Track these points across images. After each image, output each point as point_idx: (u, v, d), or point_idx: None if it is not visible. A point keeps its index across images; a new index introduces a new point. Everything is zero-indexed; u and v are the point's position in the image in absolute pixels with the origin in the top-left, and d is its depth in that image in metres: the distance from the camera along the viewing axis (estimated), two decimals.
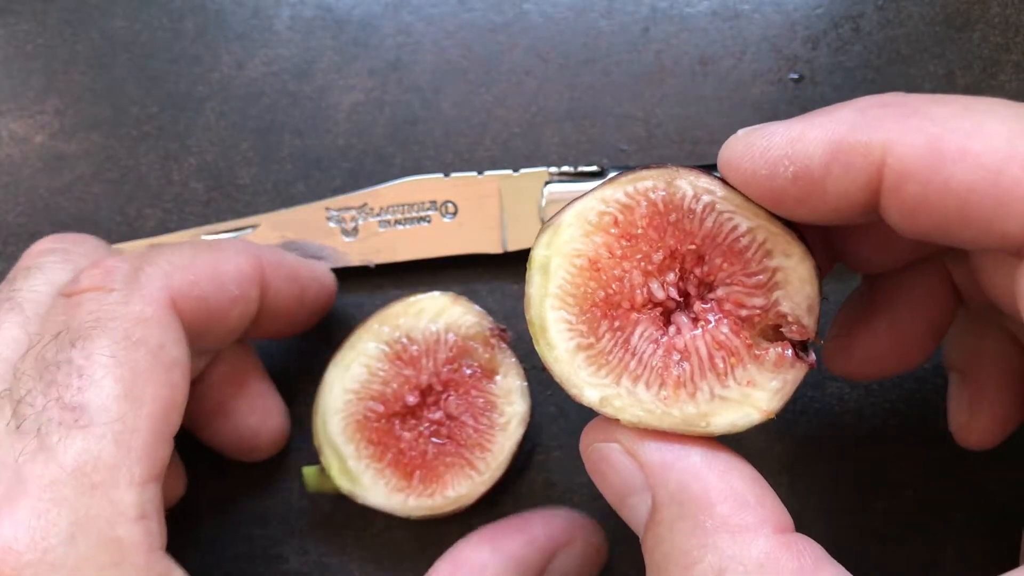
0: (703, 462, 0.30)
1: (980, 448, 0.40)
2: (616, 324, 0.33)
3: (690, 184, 0.33)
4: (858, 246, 0.36)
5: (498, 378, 0.44)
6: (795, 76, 0.51)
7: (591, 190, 0.34)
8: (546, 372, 0.33)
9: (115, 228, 0.52)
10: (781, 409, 0.32)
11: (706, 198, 0.32)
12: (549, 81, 0.52)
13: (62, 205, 0.52)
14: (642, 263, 0.33)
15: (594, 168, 0.47)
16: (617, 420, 0.32)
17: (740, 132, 0.32)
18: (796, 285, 0.31)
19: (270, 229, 0.49)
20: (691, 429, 0.32)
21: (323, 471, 0.44)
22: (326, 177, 0.52)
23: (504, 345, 0.45)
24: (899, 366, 0.39)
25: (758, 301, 0.32)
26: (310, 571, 0.47)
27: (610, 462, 0.32)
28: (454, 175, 0.49)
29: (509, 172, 0.49)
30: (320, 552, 0.47)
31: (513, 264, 0.50)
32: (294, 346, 0.49)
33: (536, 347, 0.33)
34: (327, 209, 0.49)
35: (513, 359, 0.45)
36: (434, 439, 0.44)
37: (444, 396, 0.45)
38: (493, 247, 0.49)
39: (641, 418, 0.32)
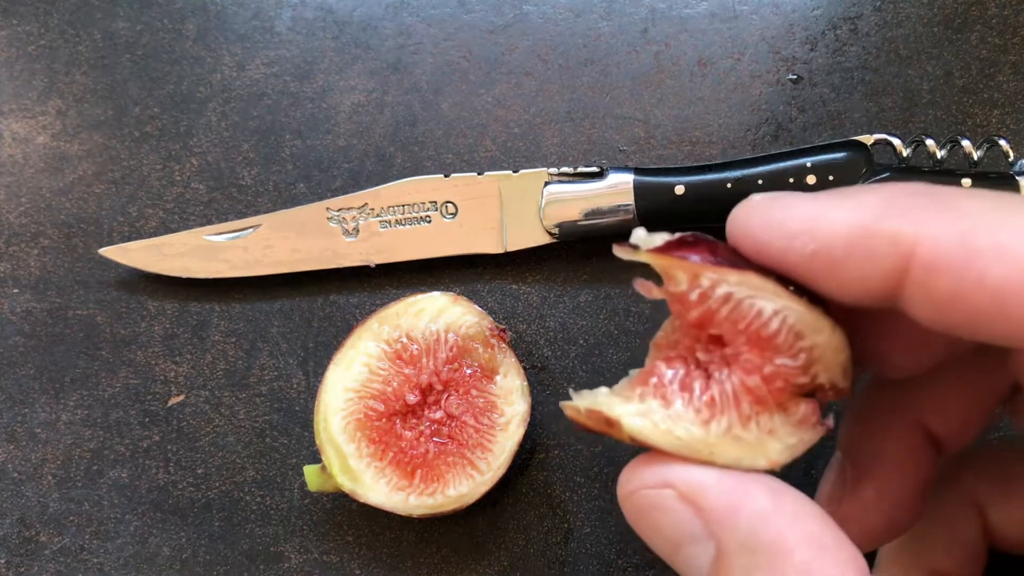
0: (772, 505, 0.28)
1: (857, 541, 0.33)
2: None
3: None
4: (879, 340, 0.34)
5: (498, 378, 0.45)
6: (793, 77, 0.51)
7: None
8: (545, 372, 0.33)
9: (117, 228, 0.52)
10: (786, 465, 0.31)
11: (723, 288, 0.30)
12: (549, 82, 0.52)
13: (64, 205, 0.52)
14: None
15: (593, 169, 0.48)
16: (630, 438, 0.31)
17: (754, 198, 0.30)
18: (831, 356, 0.30)
19: (271, 230, 0.50)
20: (691, 454, 0.30)
21: (324, 470, 0.44)
22: (327, 177, 0.52)
23: (504, 345, 0.45)
24: (894, 530, 0.37)
25: (803, 380, 0.30)
26: (311, 569, 0.47)
27: (663, 509, 0.30)
28: (454, 175, 0.49)
29: (509, 173, 0.49)
30: (321, 550, 0.47)
31: (513, 264, 0.50)
32: (295, 345, 0.50)
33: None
34: (328, 209, 0.50)
35: (513, 359, 0.45)
36: (435, 439, 0.44)
37: (445, 396, 0.45)
38: (493, 247, 0.49)
39: (643, 429, 0.30)
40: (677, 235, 0.31)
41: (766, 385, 0.30)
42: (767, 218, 0.30)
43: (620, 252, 0.31)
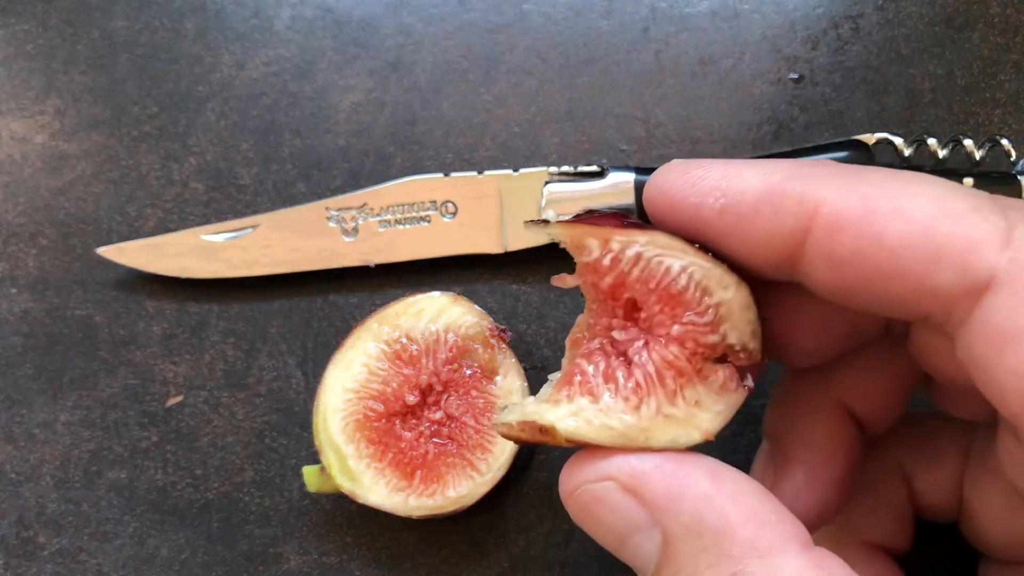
0: (712, 486, 0.29)
1: None
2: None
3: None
4: (783, 324, 0.35)
5: (498, 379, 0.45)
6: (795, 76, 0.51)
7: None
8: (545, 372, 0.33)
9: (115, 228, 0.52)
10: (719, 432, 0.31)
11: (633, 249, 0.31)
12: (549, 81, 0.52)
13: (62, 205, 0.52)
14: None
15: (594, 168, 0.47)
16: (566, 440, 0.31)
17: (673, 161, 0.32)
18: (738, 314, 0.31)
19: (270, 229, 0.49)
20: (629, 443, 0.31)
21: (324, 470, 0.44)
22: (326, 177, 0.52)
23: (504, 345, 0.45)
24: (827, 513, 0.37)
25: (713, 339, 0.31)
26: (310, 570, 0.47)
27: (606, 503, 0.30)
28: (454, 175, 0.49)
29: (509, 172, 0.49)
30: (320, 551, 0.47)
31: (513, 264, 0.50)
32: (294, 345, 0.50)
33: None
34: (327, 209, 0.49)
35: (513, 359, 0.45)
36: (435, 439, 0.44)
37: (444, 396, 0.45)
38: (493, 247, 0.49)
39: (578, 428, 0.31)
40: (584, 210, 0.33)
41: (680, 347, 0.31)
42: (683, 177, 0.31)
43: (532, 228, 0.33)
